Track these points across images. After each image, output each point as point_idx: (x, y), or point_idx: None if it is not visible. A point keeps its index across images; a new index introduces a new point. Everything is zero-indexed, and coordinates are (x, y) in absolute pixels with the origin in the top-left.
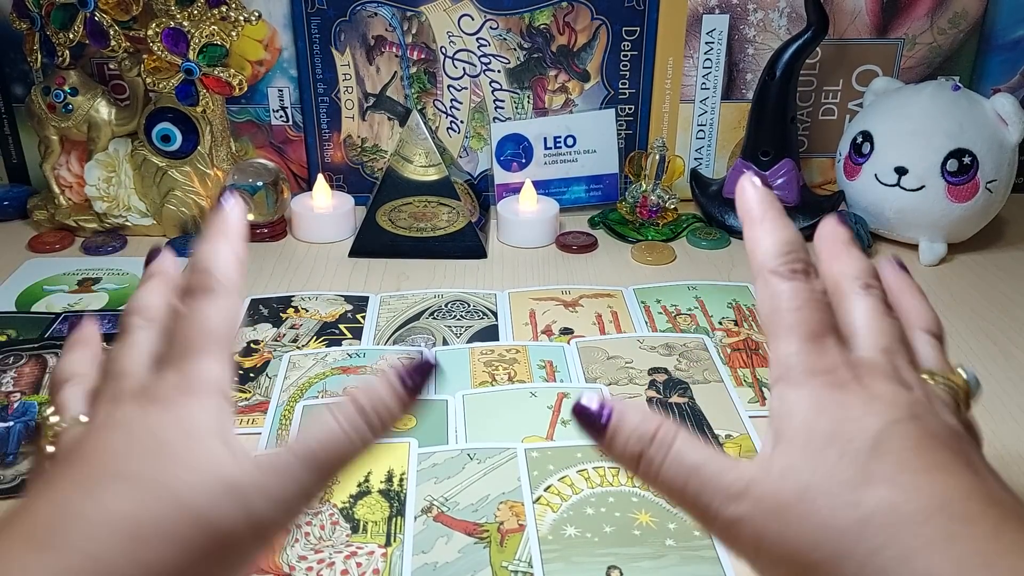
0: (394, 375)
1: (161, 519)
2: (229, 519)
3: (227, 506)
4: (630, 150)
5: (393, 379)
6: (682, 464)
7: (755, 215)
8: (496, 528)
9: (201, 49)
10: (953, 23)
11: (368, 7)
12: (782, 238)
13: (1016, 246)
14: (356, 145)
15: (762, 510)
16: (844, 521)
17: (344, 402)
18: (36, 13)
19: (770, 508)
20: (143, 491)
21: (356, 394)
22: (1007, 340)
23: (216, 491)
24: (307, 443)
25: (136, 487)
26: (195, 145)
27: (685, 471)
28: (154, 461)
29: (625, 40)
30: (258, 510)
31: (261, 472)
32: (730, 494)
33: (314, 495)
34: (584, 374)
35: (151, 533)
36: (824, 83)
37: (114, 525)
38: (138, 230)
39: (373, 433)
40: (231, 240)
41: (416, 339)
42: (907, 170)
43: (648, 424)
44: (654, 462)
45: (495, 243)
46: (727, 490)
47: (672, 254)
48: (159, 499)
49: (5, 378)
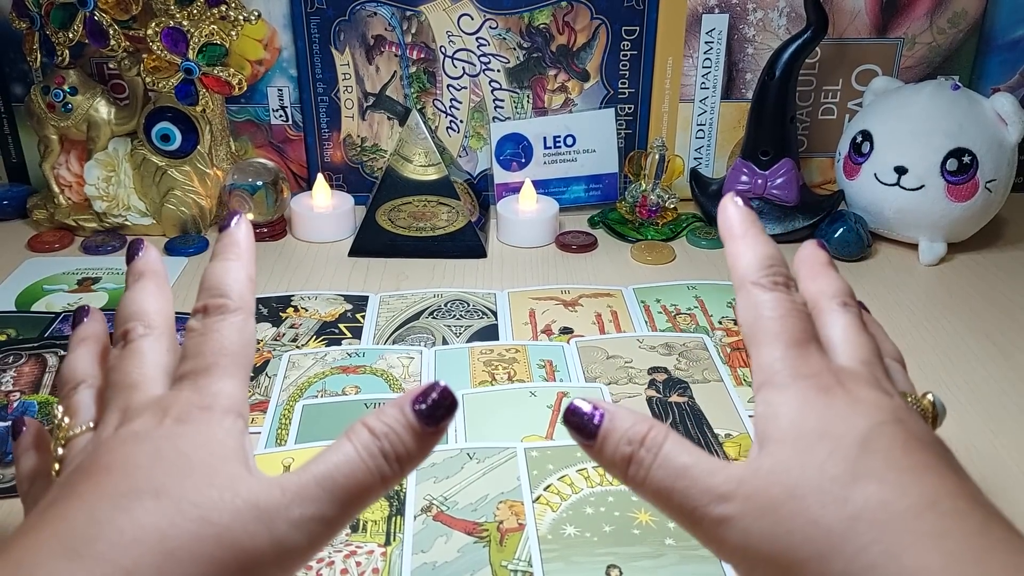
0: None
1: (190, 537)
2: (253, 540)
3: (252, 527)
4: (630, 150)
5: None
6: (671, 465)
7: (736, 231)
8: (496, 527)
9: (201, 48)
10: (953, 23)
11: (368, 7)
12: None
13: (1016, 246)
14: (356, 145)
15: (751, 508)
16: (834, 517)
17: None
18: (36, 12)
19: (759, 506)
20: (173, 508)
21: (368, 419)
22: (1007, 340)
23: (242, 511)
24: (327, 469)
25: (167, 504)
26: (195, 144)
27: (674, 472)
28: (182, 478)
29: (625, 40)
30: (281, 533)
31: (284, 495)
32: (719, 494)
33: (336, 526)
34: (584, 374)
35: (181, 551)
36: (824, 83)
37: (147, 541)
38: (138, 229)
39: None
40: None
41: (415, 339)
42: (907, 169)
43: (639, 427)
44: (643, 464)
45: (495, 243)
46: (715, 490)
47: (672, 254)
48: (189, 518)
49: (5, 377)
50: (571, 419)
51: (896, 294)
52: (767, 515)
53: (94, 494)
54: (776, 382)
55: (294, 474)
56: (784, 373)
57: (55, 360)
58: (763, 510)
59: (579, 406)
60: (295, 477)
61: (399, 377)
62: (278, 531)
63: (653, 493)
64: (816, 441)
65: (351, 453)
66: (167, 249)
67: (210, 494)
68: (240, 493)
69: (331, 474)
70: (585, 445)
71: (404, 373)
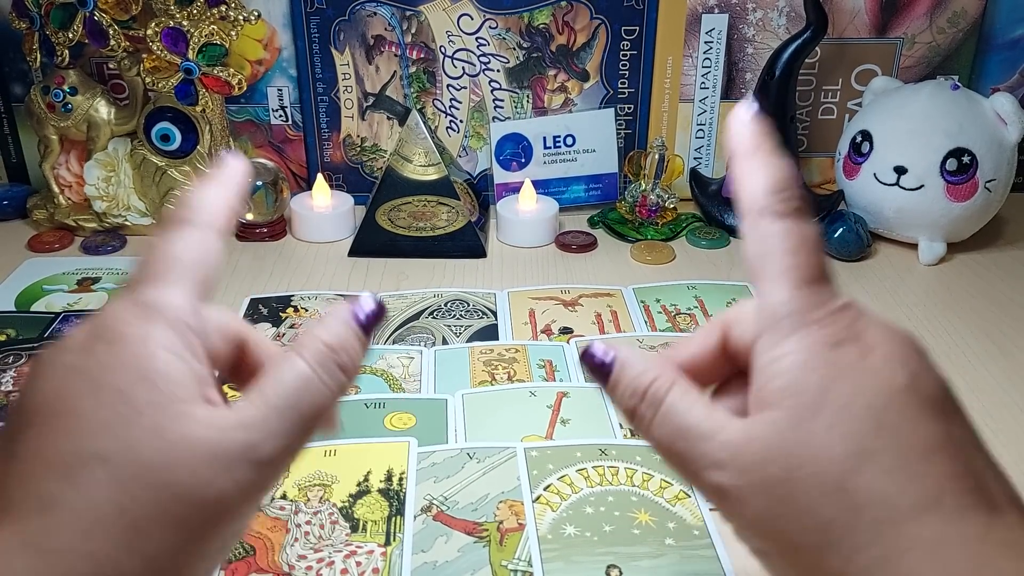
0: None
1: (151, 504)
2: (216, 490)
3: (214, 477)
4: (629, 149)
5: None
6: (670, 424)
7: (745, 148)
8: (496, 527)
9: (200, 48)
10: (952, 22)
11: (367, 7)
12: (775, 174)
13: (1016, 245)
14: (355, 145)
15: (746, 483)
16: (833, 510)
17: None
18: (35, 12)
19: (754, 483)
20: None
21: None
22: (1007, 340)
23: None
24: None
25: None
26: (194, 144)
27: (672, 431)
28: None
29: (624, 39)
30: (246, 476)
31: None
32: (713, 461)
33: (297, 449)
34: (584, 374)
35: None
36: (823, 82)
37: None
38: (137, 230)
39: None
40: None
41: (415, 339)
42: (906, 169)
43: (643, 378)
44: (644, 418)
45: (494, 242)
46: (710, 456)
47: (671, 253)
48: (145, 483)
49: (5, 377)
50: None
51: (896, 294)
52: (763, 494)
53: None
54: (779, 329)
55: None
56: (789, 320)
57: None
58: (759, 488)
59: (593, 350)
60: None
61: (399, 377)
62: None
63: (656, 448)
64: (818, 410)
65: (307, 372)
66: None
67: (162, 448)
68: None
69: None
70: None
71: (404, 373)
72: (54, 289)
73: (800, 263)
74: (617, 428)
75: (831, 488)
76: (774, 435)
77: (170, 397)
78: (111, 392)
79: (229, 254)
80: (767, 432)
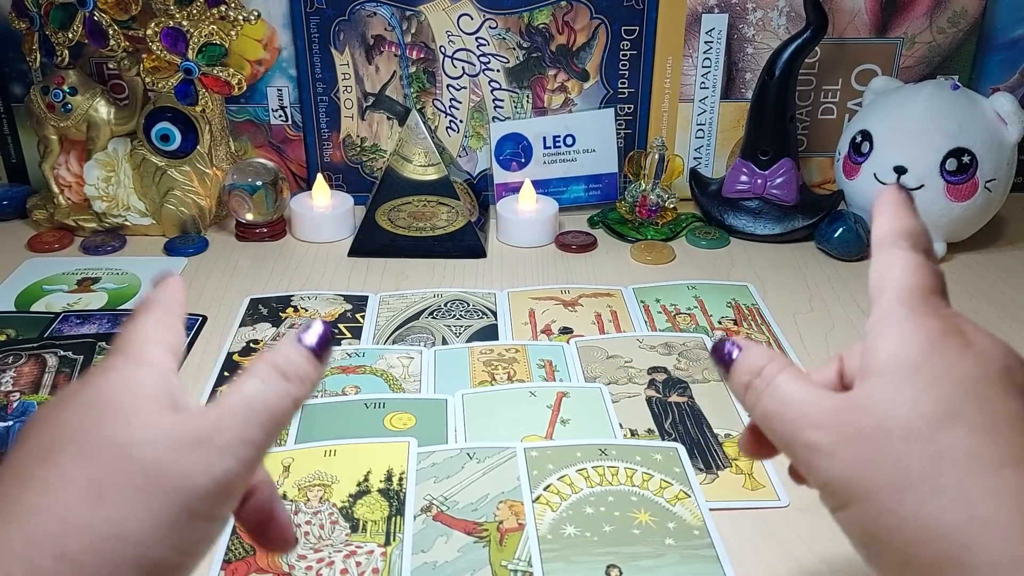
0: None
1: (118, 475)
2: (181, 470)
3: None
4: (629, 149)
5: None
6: (778, 395)
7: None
8: (495, 527)
9: (200, 48)
10: (952, 22)
11: (367, 7)
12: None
13: (1016, 245)
14: (355, 144)
15: (839, 438)
16: (917, 456)
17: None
18: (35, 13)
19: (847, 436)
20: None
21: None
22: (1007, 340)
23: (168, 446)
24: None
25: (87, 448)
26: (194, 144)
27: (779, 400)
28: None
29: (624, 39)
30: (209, 461)
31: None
32: (811, 421)
33: (264, 447)
34: (583, 373)
35: (111, 490)
36: (823, 82)
37: (75, 486)
38: (137, 230)
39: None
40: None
41: (414, 339)
42: (906, 169)
43: (761, 360)
44: (756, 390)
45: (494, 242)
46: (809, 418)
47: (671, 253)
48: (114, 457)
49: (4, 378)
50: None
51: None
52: (853, 444)
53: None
54: (890, 316)
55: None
56: (900, 309)
57: (55, 360)
58: (850, 440)
59: (723, 342)
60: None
61: (399, 377)
62: (206, 459)
63: (760, 418)
64: (913, 374)
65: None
66: (167, 249)
67: (130, 432)
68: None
69: (246, 403)
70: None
71: (404, 373)
72: (54, 289)
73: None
74: (617, 428)
75: (917, 437)
76: (869, 397)
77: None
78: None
79: (229, 254)
80: (865, 394)
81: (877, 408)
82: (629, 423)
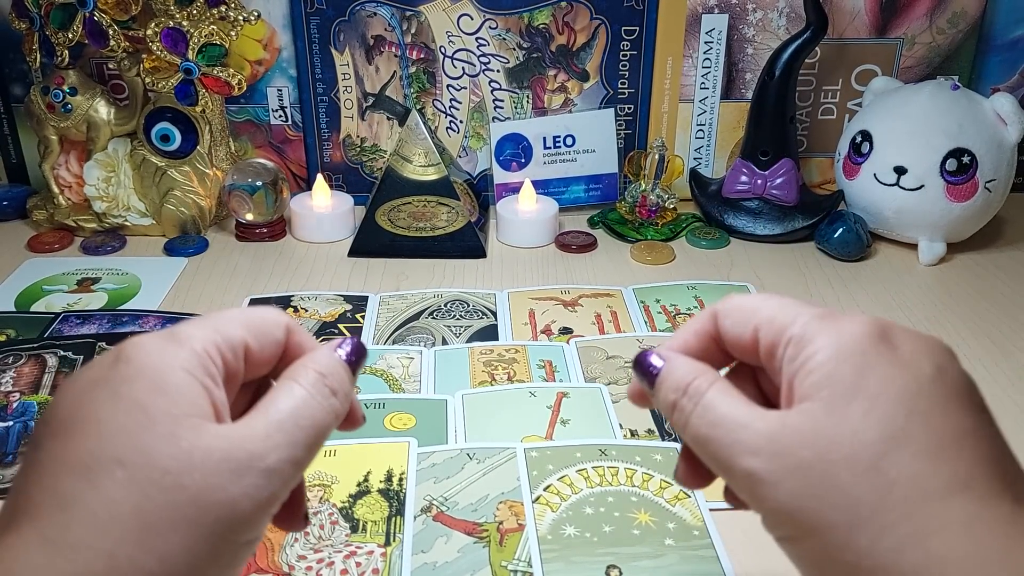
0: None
1: (166, 505)
2: (229, 496)
3: (225, 483)
4: (629, 150)
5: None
6: (708, 415)
7: None
8: (495, 528)
9: (200, 49)
10: (952, 23)
11: (367, 7)
12: None
13: (1015, 246)
14: (355, 145)
15: (779, 467)
16: (865, 488)
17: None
18: (35, 13)
19: (788, 466)
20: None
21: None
22: (1007, 340)
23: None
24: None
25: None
26: (194, 145)
27: (709, 422)
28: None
29: (624, 40)
30: (254, 484)
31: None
32: (747, 448)
33: (305, 465)
34: (583, 374)
35: (159, 522)
36: (823, 83)
37: (122, 519)
38: (137, 230)
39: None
40: None
41: (414, 339)
42: (906, 170)
43: (687, 376)
44: (684, 411)
45: (494, 243)
46: (744, 443)
47: (671, 254)
48: (161, 487)
49: (4, 378)
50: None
51: (896, 294)
52: (796, 476)
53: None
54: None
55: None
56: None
57: (55, 360)
58: (792, 470)
59: (646, 355)
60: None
61: (399, 377)
62: (251, 482)
63: (692, 440)
64: (852, 398)
65: (302, 392)
66: (167, 249)
67: (176, 455)
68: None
69: (292, 418)
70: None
71: (404, 373)
72: (54, 289)
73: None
74: (617, 428)
75: (863, 468)
76: (809, 422)
77: (184, 410)
78: (129, 401)
79: (229, 254)
80: (802, 420)
81: (817, 437)
82: (629, 423)
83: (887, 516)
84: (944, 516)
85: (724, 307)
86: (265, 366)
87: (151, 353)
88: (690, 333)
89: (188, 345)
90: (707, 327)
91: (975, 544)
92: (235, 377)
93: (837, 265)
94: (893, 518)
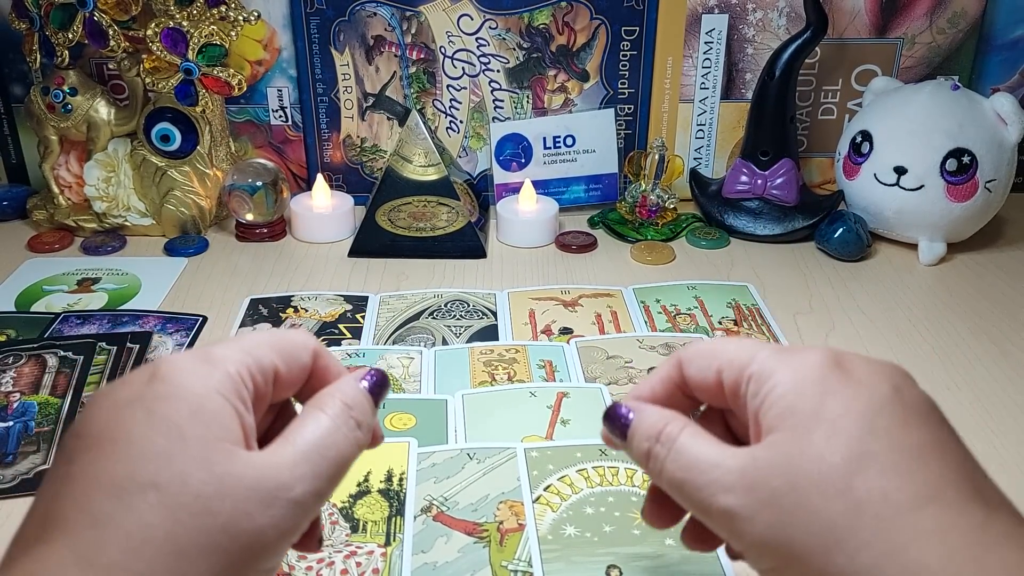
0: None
1: (198, 531)
2: (256, 525)
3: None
4: (629, 150)
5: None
6: (682, 459)
7: None
8: (496, 528)
9: (200, 49)
10: (952, 23)
11: (367, 7)
12: None
13: (1016, 246)
14: (355, 145)
15: (753, 501)
16: (835, 510)
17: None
18: (35, 13)
19: (761, 499)
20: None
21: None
22: (1007, 340)
23: (243, 498)
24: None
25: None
26: (194, 145)
27: (684, 465)
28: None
29: (624, 40)
30: (280, 514)
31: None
32: (721, 486)
33: (327, 496)
34: (583, 374)
35: (190, 547)
36: (823, 83)
37: (155, 542)
38: (137, 230)
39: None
40: None
41: (414, 339)
42: (906, 170)
43: (658, 424)
44: (658, 458)
45: (494, 243)
46: (718, 482)
47: (671, 254)
48: (193, 512)
49: (5, 378)
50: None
51: (896, 294)
52: (770, 507)
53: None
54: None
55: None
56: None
57: (55, 361)
58: (766, 503)
59: (616, 407)
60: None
61: (399, 377)
62: (278, 512)
63: (668, 486)
64: (814, 425)
65: (328, 423)
66: (167, 249)
67: (210, 481)
68: (241, 478)
69: (319, 449)
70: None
71: (404, 373)
72: (54, 289)
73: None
74: None
75: (833, 491)
76: (776, 454)
77: (217, 434)
78: (164, 423)
79: (229, 254)
80: (770, 452)
81: (786, 466)
82: None
83: (861, 535)
84: (917, 527)
85: (686, 354)
86: (291, 389)
87: (187, 373)
88: (656, 381)
89: (222, 367)
90: (672, 374)
91: (950, 552)
92: (263, 400)
93: (837, 265)
94: (867, 536)
